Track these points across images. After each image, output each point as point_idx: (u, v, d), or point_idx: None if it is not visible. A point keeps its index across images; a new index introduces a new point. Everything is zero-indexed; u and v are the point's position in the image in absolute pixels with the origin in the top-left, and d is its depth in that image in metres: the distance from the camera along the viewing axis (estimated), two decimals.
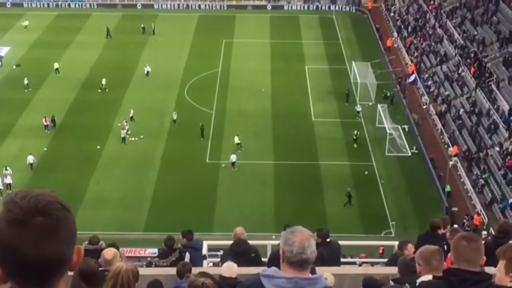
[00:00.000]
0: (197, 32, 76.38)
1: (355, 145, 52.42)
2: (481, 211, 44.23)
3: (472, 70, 57.84)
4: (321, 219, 41.30)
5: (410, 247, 11.04)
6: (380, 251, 27.62)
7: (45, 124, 53.99)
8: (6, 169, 46.85)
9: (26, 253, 2.27)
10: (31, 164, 48.95)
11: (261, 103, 59.41)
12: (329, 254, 11.30)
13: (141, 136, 53.24)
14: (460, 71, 59.85)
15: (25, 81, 61.11)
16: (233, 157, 49.55)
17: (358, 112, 57.22)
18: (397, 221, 43.64)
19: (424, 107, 59.03)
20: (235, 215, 42.55)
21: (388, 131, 52.09)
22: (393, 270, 8.28)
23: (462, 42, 63.28)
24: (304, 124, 55.89)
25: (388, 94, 59.88)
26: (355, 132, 53.24)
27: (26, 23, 76.27)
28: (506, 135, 48.36)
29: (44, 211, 2.31)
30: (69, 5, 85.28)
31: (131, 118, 54.94)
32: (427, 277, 5.64)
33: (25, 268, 2.30)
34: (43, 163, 49.68)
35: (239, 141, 51.92)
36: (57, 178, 46.48)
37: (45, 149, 51.60)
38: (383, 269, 11.48)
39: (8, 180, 46.42)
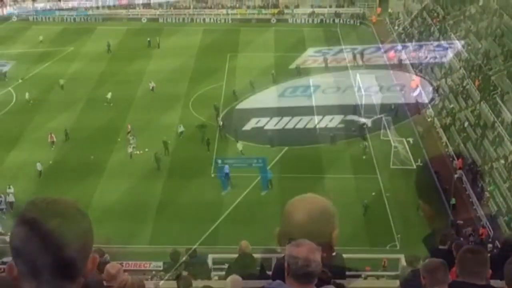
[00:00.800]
0: (201, 45, 76.58)
1: (364, 157, 52.41)
2: (486, 224, 44.04)
3: (477, 83, 57.83)
4: None
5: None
6: (383, 263, 27.58)
7: (51, 140, 53.75)
8: (9, 188, 46.70)
9: (39, 255, 2.31)
10: (40, 171, 49.25)
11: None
12: (335, 267, 11.27)
13: (146, 149, 53.29)
14: (464, 84, 59.81)
15: (27, 96, 61.29)
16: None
17: (363, 124, 57.19)
18: (402, 234, 43.44)
19: (429, 119, 58.97)
20: (239, 228, 42.39)
21: (392, 143, 52.01)
22: (397, 283, 8.26)
23: (466, 55, 63.30)
24: (308, 136, 55.85)
25: (393, 107, 59.80)
26: (364, 143, 53.27)
27: (41, 38, 76.60)
28: (511, 148, 48.25)
29: (60, 215, 2.36)
30: (74, 19, 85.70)
31: (128, 133, 54.92)
32: None
33: (38, 270, 2.34)
34: (48, 176, 49.70)
35: (241, 148, 52.36)
36: (61, 191, 46.33)
37: (50, 162, 51.66)
38: (388, 282, 11.44)
39: (11, 198, 46.06)
